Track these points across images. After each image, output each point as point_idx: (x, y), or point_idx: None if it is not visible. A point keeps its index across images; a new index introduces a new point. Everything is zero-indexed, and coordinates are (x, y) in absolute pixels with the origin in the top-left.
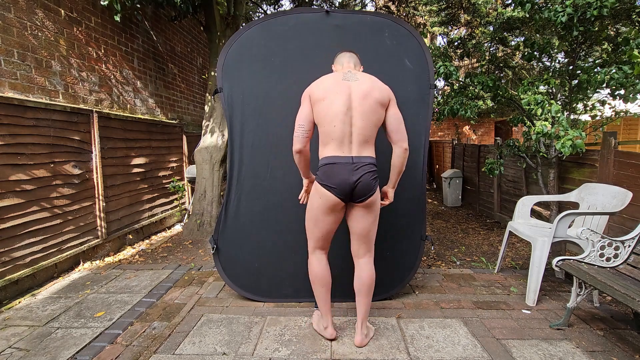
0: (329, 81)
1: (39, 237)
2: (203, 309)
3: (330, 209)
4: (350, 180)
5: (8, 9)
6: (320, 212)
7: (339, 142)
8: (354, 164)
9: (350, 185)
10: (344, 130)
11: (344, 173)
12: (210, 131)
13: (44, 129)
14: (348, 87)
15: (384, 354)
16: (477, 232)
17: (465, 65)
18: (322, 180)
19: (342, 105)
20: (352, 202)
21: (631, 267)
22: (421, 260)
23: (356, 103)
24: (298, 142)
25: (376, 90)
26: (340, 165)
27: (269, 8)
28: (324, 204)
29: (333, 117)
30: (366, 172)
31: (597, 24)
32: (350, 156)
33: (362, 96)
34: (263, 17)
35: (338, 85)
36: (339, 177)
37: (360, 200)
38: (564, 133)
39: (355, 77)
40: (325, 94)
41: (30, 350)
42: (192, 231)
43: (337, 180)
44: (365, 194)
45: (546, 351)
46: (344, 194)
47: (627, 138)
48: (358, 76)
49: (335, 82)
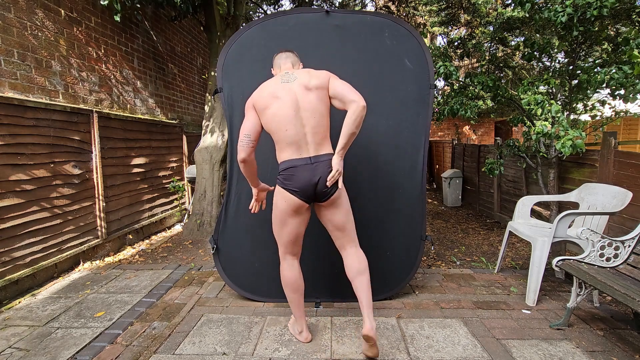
0: (270, 88)
1: (39, 237)
2: (203, 309)
3: (295, 212)
4: (312, 181)
5: (8, 9)
6: (286, 215)
7: (295, 145)
8: (313, 164)
9: (313, 185)
10: (298, 132)
11: (306, 175)
12: (210, 131)
13: (44, 129)
14: (290, 89)
15: (384, 354)
16: (477, 232)
17: (465, 65)
18: (284, 185)
19: (289, 109)
20: (316, 202)
21: (631, 267)
22: (421, 260)
23: (303, 102)
24: (243, 151)
25: (313, 78)
26: (300, 168)
27: (269, 8)
28: (289, 207)
29: (284, 123)
30: (327, 170)
31: (597, 24)
32: (309, 157)
33: (304, 92)
34: (263, 17)
35: (280, 90)
36: (301, 180)
37: (324, 200)
38: (564, 133)
39: (294, 76)
40: (269, 102)
41: (30, 350)
42: (192, 231)
43: (299, 183)
44: (327, 192)
45: (546, 351)
46: (307, 195)
47: (627, 138)
48: (296, 74)
49: (276, 87)
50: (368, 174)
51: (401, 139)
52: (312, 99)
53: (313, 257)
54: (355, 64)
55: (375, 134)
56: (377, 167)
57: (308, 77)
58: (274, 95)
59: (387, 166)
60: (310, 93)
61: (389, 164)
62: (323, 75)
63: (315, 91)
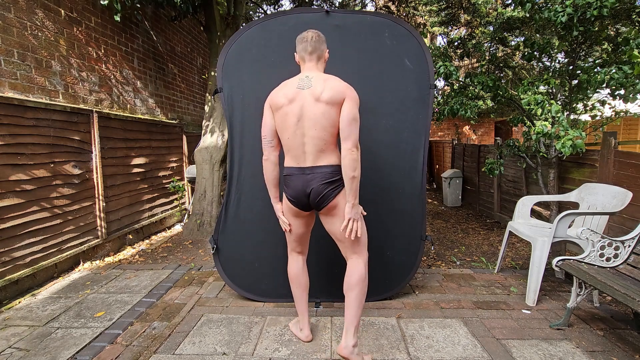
0: (286, 90)
1: (39, 237)
2: (203, 309)
3: (295, 215)
4: (305, 191)
5: (8, 9)
6: (289, 217)
7: (294, 153)
8: (307, 175)
9: (305, 195)
10: (296, 141)
11: (299, 184)
12: (210, 131)
13: (44, 129)
14: (301, 97)
15: (384, 354)
16: (477, 232)
17: (465, 65)
18: (284, 190)
19: (293, 117)
20: (314, 210)
21: (631, 267)
22: (421, 260)
23: (307, 112)
24: (264, 150)
25: (327, 90)
26: (295, 177)
27: (269, 8)
28: (290, 210)
29: (287, 129)
30: (320, 182)
31: (597, 24)
32: (304, 167)
33: (312, 102)
34: (263, 17)
35: (293, 95)
36: (295, 189)
37: (320, 209)
38: (564, 133)
39: (310, 83)
40: (281, 103)
41: (30, 350)
42: (192, 231)
43: (293, 192)
44: (321, 203)
45: (546, 351)
46: (301, 204)
47: (627, 138)
48: (312, 82)
49: (291, 90)
50: (368, 174)
51: (401, 139)
52: (317, 112)
53: (313, 258)
54: (356, 64)
55: (375, 134)
56: (377, 167)
57: (321, 88)
58: (287, 98)
59: (387, 166)
60: (318, 105)
61: (389, 164)
62: (340, 91)
63: (324, 105)
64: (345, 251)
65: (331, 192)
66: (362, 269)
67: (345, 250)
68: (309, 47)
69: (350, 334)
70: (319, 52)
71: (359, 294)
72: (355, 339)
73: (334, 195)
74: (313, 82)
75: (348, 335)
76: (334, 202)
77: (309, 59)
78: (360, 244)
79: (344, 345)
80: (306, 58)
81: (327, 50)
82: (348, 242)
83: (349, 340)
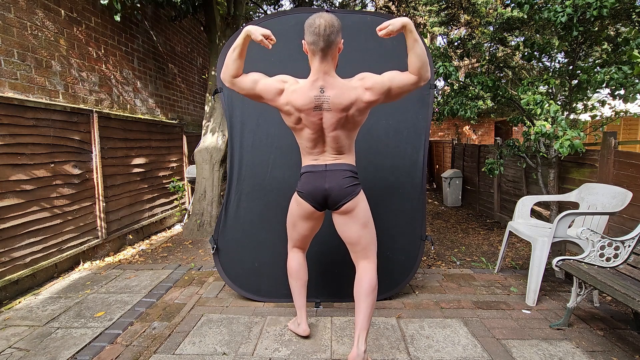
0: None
1: (39, 237)
2: (203, 309)
3: (306, 217)
4: (322, 186)
5: (8, 9)
6: (298, 218)
7: (314, 155)
8: (327, 171)
9: (322, 192)
10: (317, 145)
11: (317, 180)
12: (211, 131)
13: (44, 129)
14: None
15: (384, 354)
16: (477, 232)
17: (465, 65)
18: (298, 188)
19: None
20: (329, 209)
21: (631, 267)
22: (421, 260)
23: (327, 124)
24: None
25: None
26: (313, 174)
27: (269, 8)
28: (300, 211)
29: (307, 138)
30: (341, 177)
31: (597, 24)
32: (325, 164)
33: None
34: (263, 17)
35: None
36: (312, 185)
37: (337, 208)
38: (562, 133)
39: (326, 95)
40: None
41: (30, 350)
42: (192, 231)
43: (310, 187)
44: (340, 199)
45: (546, 351)
46: (317, 201)
47: (627, 138)
48: (328, 93)
49: (309, 100)
50: (368, 174)
51: (401, 139)
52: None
53: (314, 258)
54: (355, 64)
55: (375, 134)
56: (377, 167)
57: (339, 99)
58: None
59: (387, 166)
60: (337, 117)
61: (389, 164)
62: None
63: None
64: (357, 256)
65: (352, 188)
66: (374, 276)
67: (356, 255)
68: (321, 42)
69: (362, 340)
70: (333, 49)
71: (372, 303)
72: (366, 345)
73: (355, 193)
74: (328, 92)
75: (360, 342)
76: (354, 203)
77: (320, 58)
78: (372, 248)
79: (357, 353)
80: (318, 56)
81: (341, 41)
82: (364, 244)
83: (361, 346)
